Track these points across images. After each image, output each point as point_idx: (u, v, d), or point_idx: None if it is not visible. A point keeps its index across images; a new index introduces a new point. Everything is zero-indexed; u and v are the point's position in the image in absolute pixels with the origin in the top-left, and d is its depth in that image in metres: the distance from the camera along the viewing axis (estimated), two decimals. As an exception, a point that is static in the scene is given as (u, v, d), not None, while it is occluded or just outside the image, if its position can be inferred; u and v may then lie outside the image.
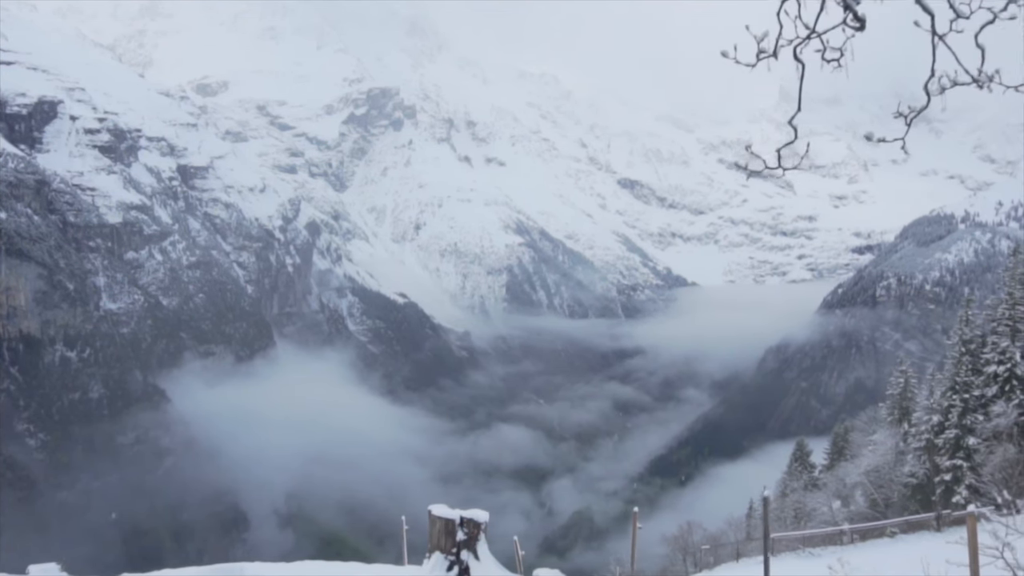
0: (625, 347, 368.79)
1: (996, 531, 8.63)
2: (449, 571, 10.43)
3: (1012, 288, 39.45)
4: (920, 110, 6.15)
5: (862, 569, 14.15)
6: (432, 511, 10.96)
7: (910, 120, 6.28)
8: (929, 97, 6.10)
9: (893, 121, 30.48)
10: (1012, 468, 29.88)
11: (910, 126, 6.36)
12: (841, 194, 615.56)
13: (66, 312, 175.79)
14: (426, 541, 10.83)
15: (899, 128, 27.17)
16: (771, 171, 6.85)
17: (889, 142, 6.63)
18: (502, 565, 10.97)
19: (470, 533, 10.68)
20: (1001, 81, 5.95)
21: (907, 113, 6.17)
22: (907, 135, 6.59)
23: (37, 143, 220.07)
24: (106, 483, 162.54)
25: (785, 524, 44.25)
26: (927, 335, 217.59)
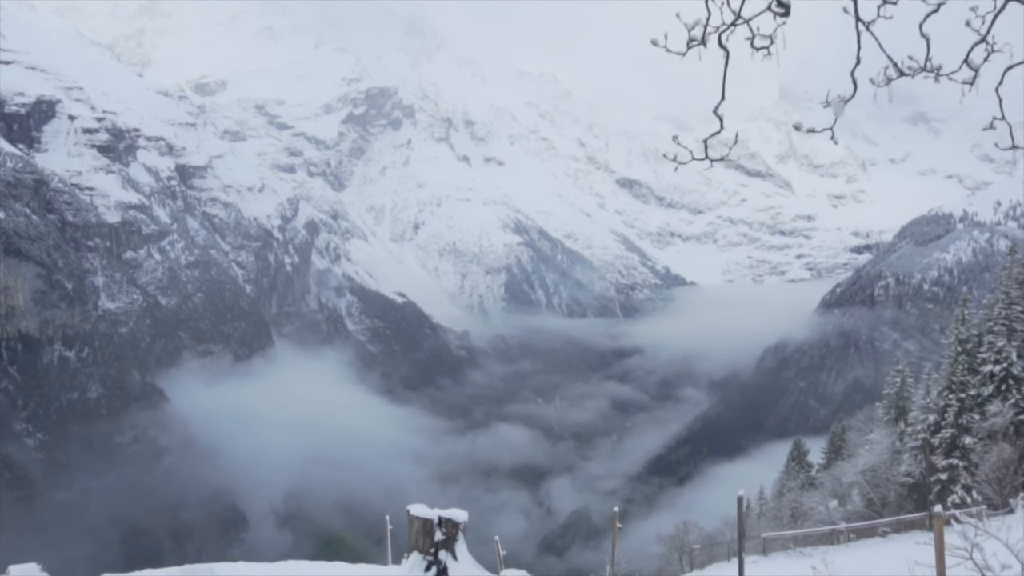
0: (624, 346, 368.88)
1: (966, 532, 8.62)
2: (427, 571, 10.37)
3: (1008, 287, 39.54)
4: (848, 99, 5.97)
5: (845, 569, 14.21)
6: (411, 511, 10.89)
7: (839, 110, 6.11)
8: (856, 85, 6.03)
9: (892, 121, 30.97)
10: (1006, 468, 29.95)
11: (838, 116, 6.18)
12: (839, 194, 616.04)
13: (64, 312, 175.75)
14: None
15: (898, 128, 27.58)
16: (698, 161, 6.79)
17: (818, 132, 6.52)
18: (480, 565, 10.94)
19: (448, 533, 10.63)
20: (943, 73, 5.93)
21: (835, 102, 6.06)
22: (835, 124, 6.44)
23: (35, 142, 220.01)
24: (104, 483, 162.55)
25: (782, 523, 44.30)
26: (925, 334, 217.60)
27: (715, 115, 6.56)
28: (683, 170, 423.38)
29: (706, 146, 6.56)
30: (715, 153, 6.70)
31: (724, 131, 6.46)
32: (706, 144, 6.54)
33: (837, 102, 6.04)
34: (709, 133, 6.35)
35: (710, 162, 6.78)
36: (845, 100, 6.04)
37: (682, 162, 6.74)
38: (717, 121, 6.43)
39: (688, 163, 6.78)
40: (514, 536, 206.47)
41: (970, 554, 8.42)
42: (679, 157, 6.64)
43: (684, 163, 6.76)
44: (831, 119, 6.52)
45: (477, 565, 10.74)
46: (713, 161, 6.81)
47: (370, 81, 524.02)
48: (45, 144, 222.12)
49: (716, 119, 6.43)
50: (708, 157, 6.72)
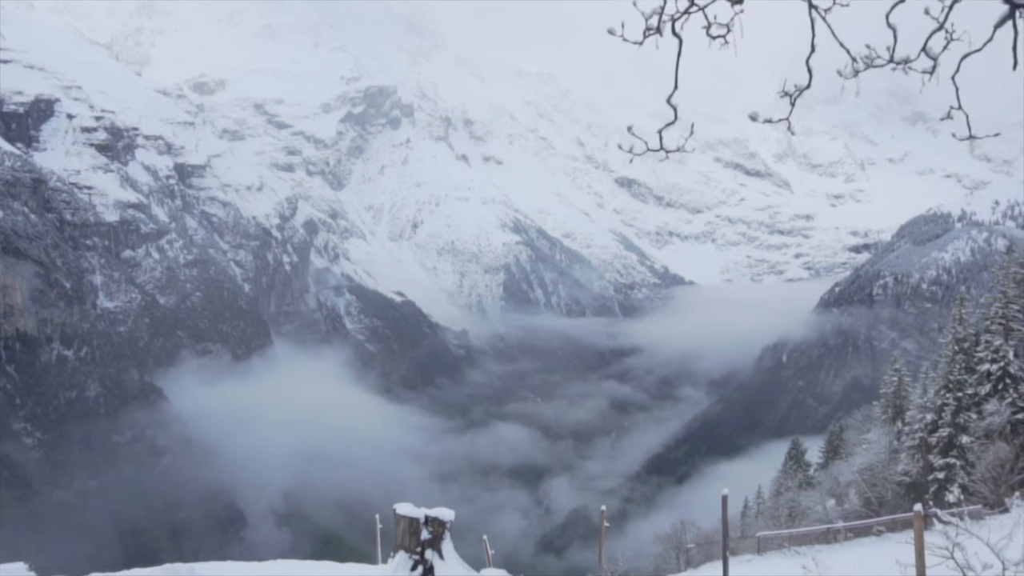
0: (622, 346, 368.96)
1: (947, 531, 8.60)
2: (413, 570, 10.33)
3: (1005, 287, 39.61)
4: (803, 89, 5.97)
5: (836, 568, 14.23)
6: (397, 510, 10.83)
7: (794, 99, 6.10)
8: (811, 74, 6.01)
9: (891, 121, 31.02)
10: (1002, 467, 30.00)
11: (794, 105, 6.19)
12: (838, 193, 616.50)
13: (63, 311, 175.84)
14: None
15: (896, 127, 27.53)
16: (653, 152, 6.75)
17: (775, 122, 6.54)
18: (468, 564, 10.91)
19: (435, 532, 10.57)
20: (912, 66, 5.89)
21: (792, 92, 6.02)
22: (791, 115, 6.46)
23: (34, 141, 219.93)
24: (103, 482, 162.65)
25: (779, 522, 44.34)
26: (924, 334, 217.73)
27: (669, 105, 6.63)
28: (682, 169, 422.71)
29: (661, 137, 6.52)
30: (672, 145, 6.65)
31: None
32: (660, 135, 6.50)
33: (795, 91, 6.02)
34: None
35: (665, 153, 6.77)
36: (801, 89, 6.01)
37: (637, 153, 6.71)
38: (717, 119, 6.37)
39: (643, 154, 6.75)
40: (513, 535, 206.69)
41: (951, 553, 8.41)
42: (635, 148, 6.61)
43: (639, 154, 6.74)
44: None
45: (464, 564, 10.70)
46: (668, 152, 6.82)
47: (369, 80, 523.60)
48: (43, 143, 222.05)
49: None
50: (663, 148, 6.66)
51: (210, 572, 11.44)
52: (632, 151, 6.56)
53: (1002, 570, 8.19)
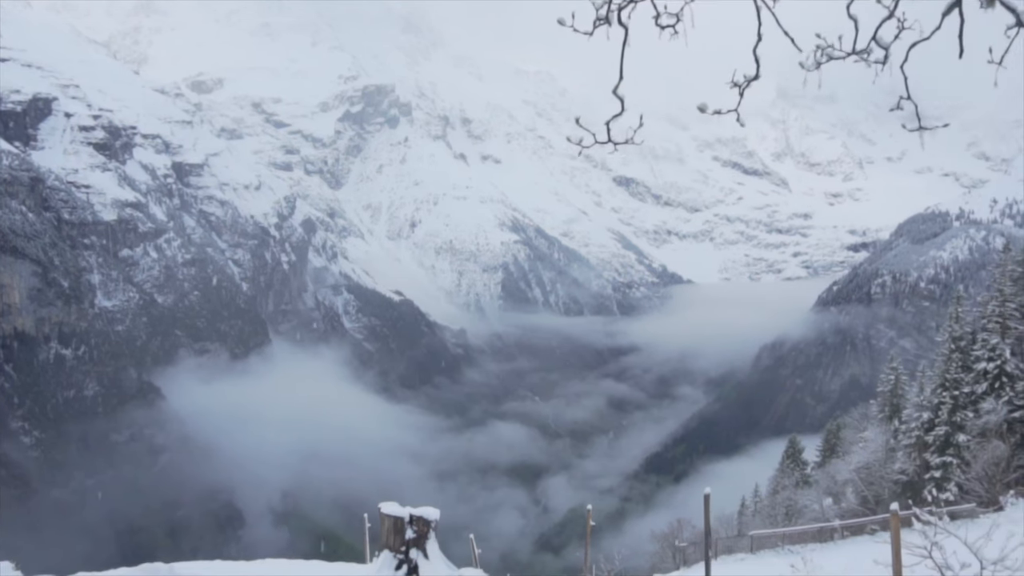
0: (620, 344, 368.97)
1: (926, 530, 8.62)
2: (398, 570, 10.30)
3: (1002, 285, 39.65)
4: (751, 79, 5.87)
5: (825, 568, 14.27)
6: (382, 509, 10.80)
7: (743, 89, 5.98)
8: (759, 64, 5.94)
9: (887, 120, 30.94)
10: (996, 466, 30.02)
11: (743, 96, 6.05)
12: (836, 192, 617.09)
13: (61, 309, 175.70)
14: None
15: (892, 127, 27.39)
16: (601, 144, 6.70)
17: (723, 114, 6.32)
18: (452, 564, 10.89)
19: (419, 531, 10.53)
20: (872, 58, 5.81)
21: (741, 83, 5.92)
22: (740, 106, 6.29)
23: (32, 140, 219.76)
24: (101, 480, 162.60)
25: (776, 521, 44.38)
26: (922, 332, 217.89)
27: (615, 96, 6.48)
28: (680, 168, 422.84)
29: (608, 129, 6.46)
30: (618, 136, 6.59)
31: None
32: (608, 127, 6.44)
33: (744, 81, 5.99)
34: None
35: (614, 146, 6.68)
36: (749, 80, 5.98)
37: (586, 146, 6.67)
38: (715, 120, 6.37)
39: (591, 147, 6.69)
40: (511, 534, 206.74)
41: (929, 553, 8.41)
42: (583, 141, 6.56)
43: (587, 147, 6.69)
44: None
45: (449, 564, 10.68)
46: (616, 145, 6.71)
47: (367, 79, 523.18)
48: (41, 142, 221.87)
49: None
50: (611, 140, 6.57)
51: (190, 571, 11.41)
52: (581, 143, 6.51)
53: (980, 569, 8.19)
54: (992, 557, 8.29)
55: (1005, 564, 8.26)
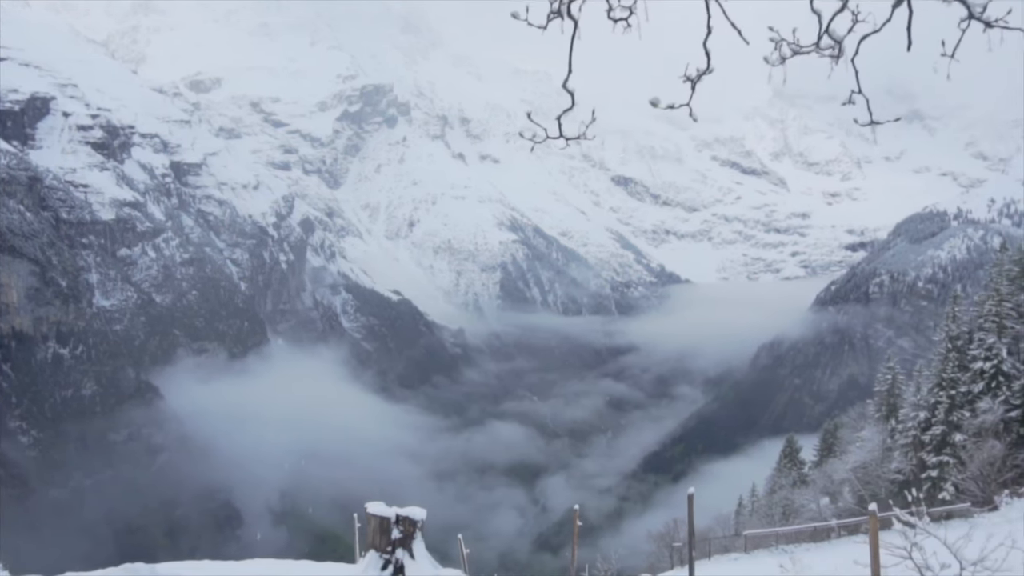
0: (619, 344, 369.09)
1: (906, 531, 8.63)
2: (383, 569, 10.30)
3: (999, 284, 39.71)
4: (703, 72, 5.86)
5: (815, 567, 14.30)
6: (368, 509, 10.79)
7: (695, 82, 6.01)
8: (709, 57, 5.91)
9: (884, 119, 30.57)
10: (991, 465, 30.05)
11: (695, 91, 6.10)
12: (834, 191, 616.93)
13: (59, 309, 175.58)
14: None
15: (890, 126, 27.67)
16: (553, 139, 6.68)
17: (676, 108, 6.38)
18: (438, 563, 10.89)
19: (406, 531, 10.51)
20: (841, 52, 5.78)
21: (693, 77, 5.92)
22: (691, 100, 6.35)
23: (30, 140, 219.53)
24: (99, 480, 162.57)
25: (773, 520, 44.44)
26: (920, 332, 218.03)
27: (565, 90, 6.51)
28: (678, 168, 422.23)
29: (560, 124, 6.44)
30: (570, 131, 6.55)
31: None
32: (560, 122, 6.41)
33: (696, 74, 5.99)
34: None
35: (565, 141, 6.64)
36: (701, 73, 5.97)
37: (538, 141, 6.65)
38: (714, 118, 6.32)
39: (543, 142, 6.67)
40: (509, 533, 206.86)
41: (909, 553, 8.41)
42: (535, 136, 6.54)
43: (539, 142, 6.67)
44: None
45: (435, 563, 10.68)
46: (568, 140, 6.68)
47: (365, 79, 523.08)
48: (39, 141, 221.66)
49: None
50: (562, 135, 6.56)
51: (172, 572, 11.40)
52: (534, 139, 6.50)
53: (960, 570, 8.21)
54: (972, 558, 8.30)
55: (985, 564, 8.28)
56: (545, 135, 6.28)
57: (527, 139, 6.43)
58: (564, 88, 6.29)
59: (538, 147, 36.81)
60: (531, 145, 6.81)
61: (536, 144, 6.68)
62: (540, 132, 6.53)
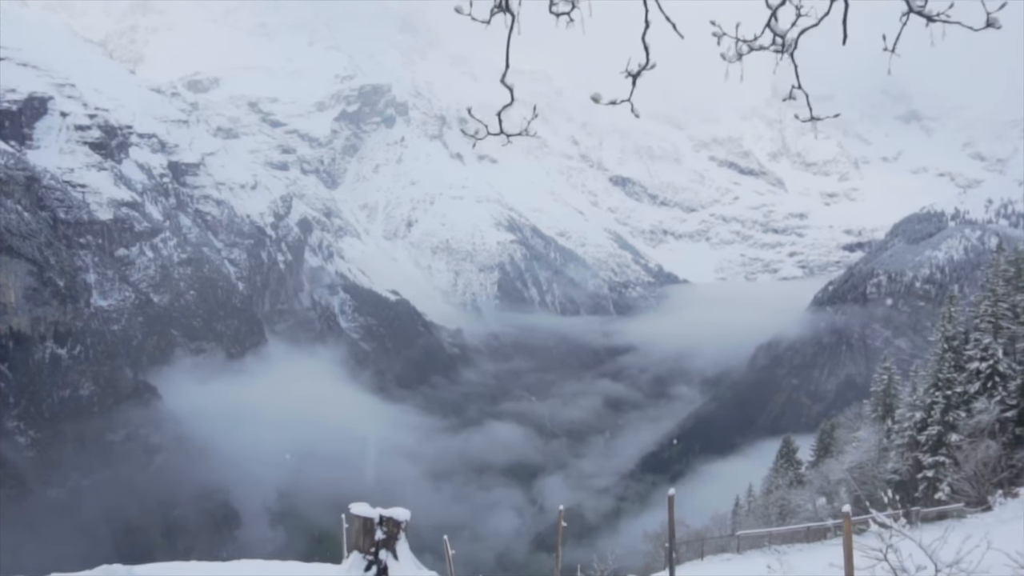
0: (617, 344, 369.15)
1: (882, 533, 8.63)
2: (367, 571, 10.30)
3: (995, 285, 39.81)
4: (643, 67, 5.80)
5: (800, 568, 14.34)
6: (351, 509, 10.78)
7: (636, 77, 5.90)
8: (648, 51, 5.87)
9: (885, 120, 31.16)
10: (985, 466, 30.11)
11: (635, 85, 5.97)
12: (832, 192, 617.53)
13: (56, 309, 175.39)
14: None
15: (890, 126, 27.41)
16: (494, 136, 6.66)
17: (618, 103, 6.21)
18: (422, 564, 10.90)
19: (389, 532, 10.51)
20: (796, 47, 5.78)
21: (634, 71, 5.84)
22: (632, 95, 6.24)
23: (27, 139, 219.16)
24: (97, 480, 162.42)
25: (769, 520, 44.52)
26: (917, 332, 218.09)
27: (503, 85, 6.37)
28: (676, 168, 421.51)
29: (500, 120, 6.42)
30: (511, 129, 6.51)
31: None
32: (500, 118, 6.39)
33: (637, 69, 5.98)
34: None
35: (507, 137, 6.59)
36: (642, 67, 5.95)
37: (479, 138, 6.62)
38: (712, 118, 6.32)
39: (484, 138, 6.64)
40: (507, 533, 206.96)
41: (884, 555, 8.41)
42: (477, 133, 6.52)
43: (481, 139, 6.64)
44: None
45: (419, 565, 10.69)
46: (510, 136, 6.62)
47: (363, 78, 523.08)
48: (37, 141, 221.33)
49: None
50: (503, 132, 6.54)
51: (150, 573, 11.45)
52: (476, 135, 6.49)
53: (935, 572, 8.23)
54: (948, 560, 8.33)
55: (960, 567, 8.31)
56: (486, 131, 6.29)
57: (469, 136, 6.42)
58: (502, 83, 6.29)
59: (536, 148, 37.00)
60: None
61: (478, 140, 6.66)
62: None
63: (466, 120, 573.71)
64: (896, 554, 8.41)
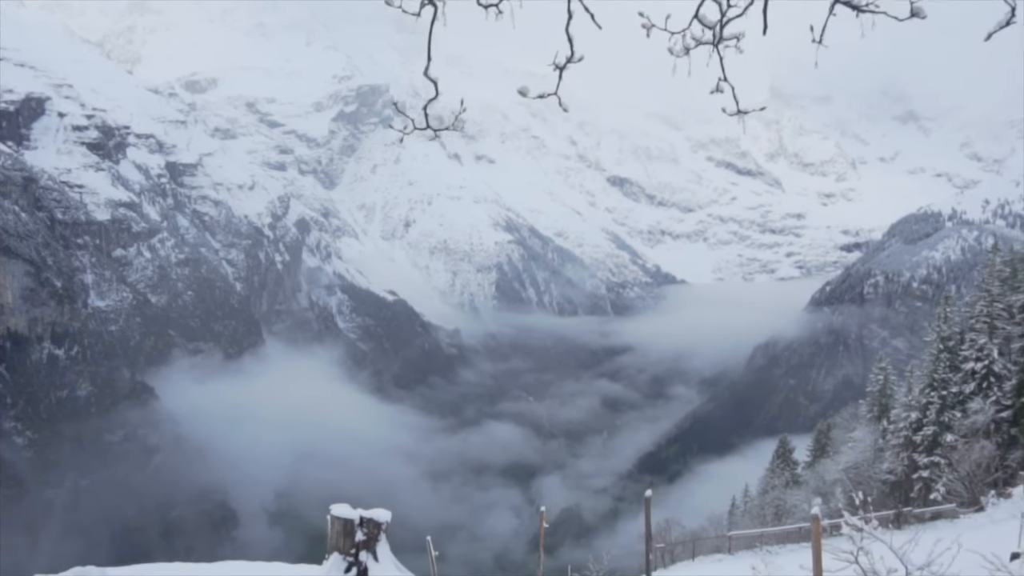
0: (614, 344, 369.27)
1: (853, 535, 8.61)
2: (347, 572, 10.35)
3: (990, 285, 39.94)
4: (569, 60, 5.81)
5: (785, 568, 14.37)
6: (332, 511, 10.81)
7: (562, 70, 5.90)
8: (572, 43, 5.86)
9: (882, 120, 31.32)
10: (978, 466, 30.23)
11: (561, 78, 5.98)
12: (829, 192, 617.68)
13: (54, 309, 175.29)
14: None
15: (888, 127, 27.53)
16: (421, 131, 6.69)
17: (544, 97, 6.22)
18: (403, 566, 10.96)
19: (369, 533, 10.54)
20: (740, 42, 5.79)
21: (561, 64, 5.87)
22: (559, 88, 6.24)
23: (25, 140, 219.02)
24: (94, 481, 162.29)
25: (765, 521, 44.64)
26: (914, 332, 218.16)
27: (427, 78, 6.32)
28: (674, 169, 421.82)
29: (426, 114, 6.44)
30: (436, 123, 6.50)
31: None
32: (426, 112, 6.42)
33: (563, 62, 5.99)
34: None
35: (434, 132, 6.62)
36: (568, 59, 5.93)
37: (406, 132, 6.64)
38: (709, 118, 6.30)
39: (411, 133, 6.65)
40: (505, 534, 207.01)
41: (855, 558, 8.41)
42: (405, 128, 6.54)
43: (407, 133, 6.66)
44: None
45: (399, 566, 10.75)
46: (436, 131, 6.66)
47: (361, 79, 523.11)
48: (34, 141, 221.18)
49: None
50: (429, 127, 6.56)
51: (122, 574, 11.51)
52: (404, 130, 6.54)
53: (906, 574, 8.27)
54: (919, 562, 8.37)
55: (931, 569, 8.35)
56: (413, 126, 6.34)
57: (398, 131, 6.46)
58: (426, 76, 6.23)
59: (534, 147, 36.81)
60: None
61: (405, 135, 6.72)
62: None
63: (463, 121, 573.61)
64: (867, 556, 8.36)
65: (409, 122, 6.51)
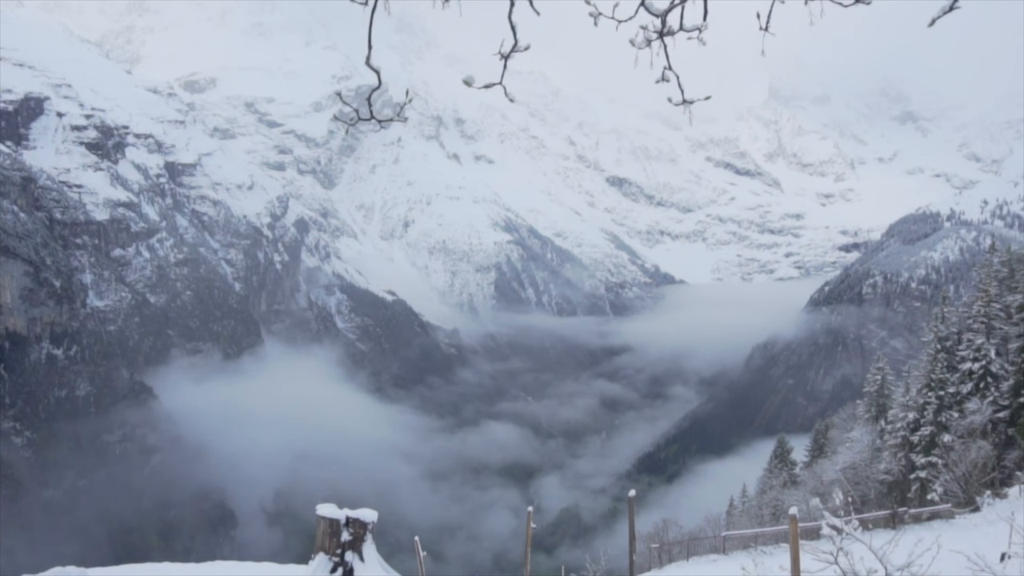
0: (613, 344, 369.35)
1: (833, 536, 8.60)
2: (333, 572, 10.36)
3: (987, 285, 39.99)
4: (513, 48, 5.82)
5: (774, 569, 14.40)
6: (318, 511, 10.82)
7: (507, 57, 5.91)
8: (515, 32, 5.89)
9: (881, 120, 31.46)
10: (974, 466, 30.27)
11: (506, 67, 6.00)
12: (828, 192, 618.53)
13: (52, 309, 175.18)
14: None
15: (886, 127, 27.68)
16: (365, 121, 6.68)
17: (490, 87, 6.27)
18: (389, 566, 10.97)
19: (355, 534, 10.54)
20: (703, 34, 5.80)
21: (506, 53, 5.90)
22: (503, 80, 6.27)
23: (23, 140, 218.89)
24: (93, 481, 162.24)
25: (762, 521, 44.69)
26: (913, 333, 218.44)
27: (369, 67, 6.25)
28: (673, 169, 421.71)
29: (370, 104, 6.45)
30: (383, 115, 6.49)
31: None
32: (370, 103, 6.41)
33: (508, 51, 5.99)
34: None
35: (378, 123, 6.69)
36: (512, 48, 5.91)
37: (351, 123, 6.64)
38: (708, 119, 6.29)
39: (356, 123, 6.65)
40: (504, 534, 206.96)
41: (835, 559, 8.41)
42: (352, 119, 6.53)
43: (352, 124, 6.66)
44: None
45: (385, 566, 10.76)
46: (381, 123, 6.73)
47: (360, 79, 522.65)
48: (33, 141, 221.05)
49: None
50: (374, 117, 6.62)
51: (103, 575, 11.52)
52: (349, 121, 6.56)
53: (885, 575, 8.28)
54: (899, 563, 8.38)
55: (911, 570, 8.36)
56: (357, 117, 6.37)
57: (344, 122, 6.49)
58: (367, 65, 6.24)
59: (533, 148, 36.83)
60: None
61: (350, 126, 6.73)
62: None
63: (463, 120, 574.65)
64: (847, 557, 8.37)
65: (354, 113, 6.52)
